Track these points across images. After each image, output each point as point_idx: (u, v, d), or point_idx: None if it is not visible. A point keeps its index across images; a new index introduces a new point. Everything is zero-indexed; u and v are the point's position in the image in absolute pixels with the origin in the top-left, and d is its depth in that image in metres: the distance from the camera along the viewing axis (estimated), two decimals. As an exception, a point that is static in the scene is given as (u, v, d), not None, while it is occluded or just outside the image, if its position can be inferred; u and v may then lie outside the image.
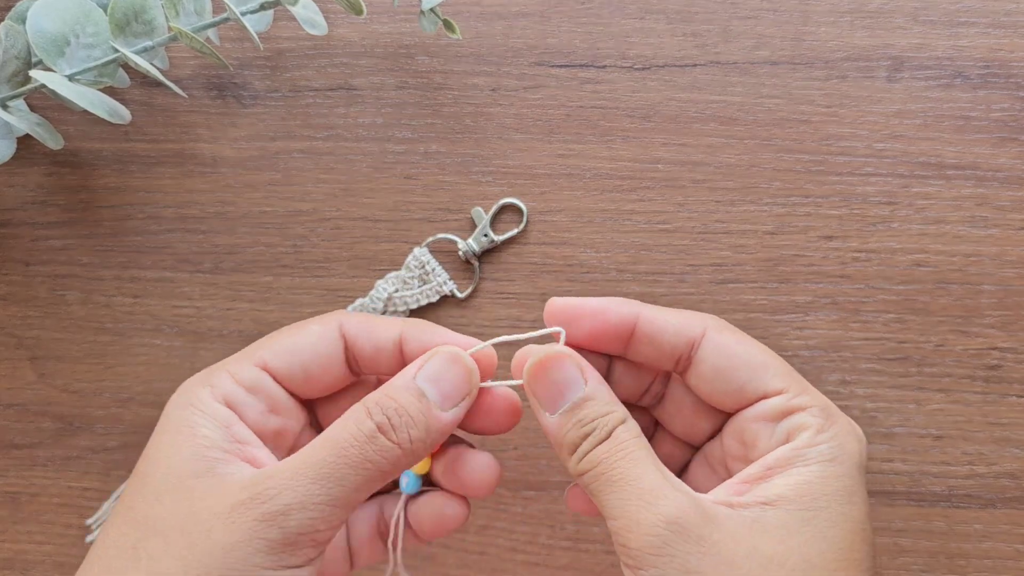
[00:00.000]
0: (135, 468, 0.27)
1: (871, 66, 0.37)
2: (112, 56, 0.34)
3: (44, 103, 0.37)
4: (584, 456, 0.26)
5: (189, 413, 0.26)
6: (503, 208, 0.37)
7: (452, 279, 0.37)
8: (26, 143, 0.37)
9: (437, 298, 0.37)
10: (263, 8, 0.35)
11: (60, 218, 0.38)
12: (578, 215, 0.37)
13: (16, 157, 0.36)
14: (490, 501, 0.36)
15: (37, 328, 0.38)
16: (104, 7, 0.33)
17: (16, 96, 0.34)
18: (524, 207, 0.37)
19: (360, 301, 0.36)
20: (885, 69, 0.37)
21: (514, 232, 0.37)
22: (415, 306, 0.37)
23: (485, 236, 0.37)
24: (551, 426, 0.27)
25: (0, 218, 0.38)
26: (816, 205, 0.36)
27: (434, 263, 0.36)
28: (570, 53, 0.37)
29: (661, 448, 0.31)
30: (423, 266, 0.36)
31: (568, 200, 0.37)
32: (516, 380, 0.28)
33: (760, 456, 0.26)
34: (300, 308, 0.37)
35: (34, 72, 0.32)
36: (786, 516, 0.24)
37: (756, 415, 0.27)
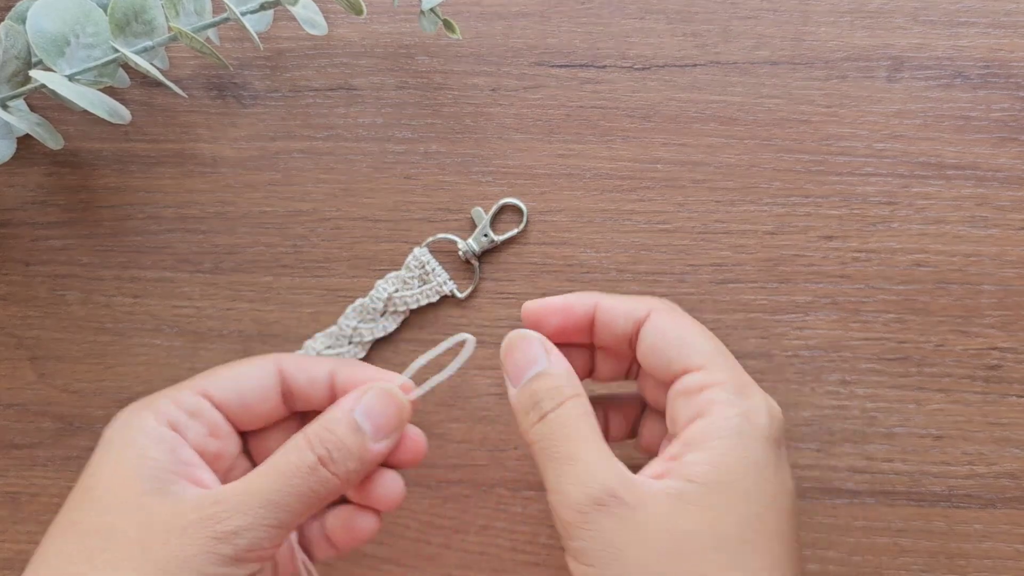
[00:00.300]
0: (78, 484, 0.28)
1: (871, 66, 0.37)
2: (112, 56, 0.34)
3: (44, 103, 0.37)
4: (532, 427, 0.28)
5: (137, 435, 0.28)
6: (503, 208, 0.37)
7: (452, 279, 0.37)
8: (26, 143, 0.37)
9: (437, 298, 0.37)
10: (263, 8, 0.35)
11: (60, 218, 0.38)
12: (578, 215, 0.37)
13: (16, 157, 0.36)
14: (490, 501, 0.36)
15: (37, 328, 0.38)
16: (104, 7, 0.33)
17: (16, 96, 0.34)
18: (524, 207, 0.37)
19: (360, 301, 0.36)
20: (885, 69, 0.37)
21: (514, 232, 0.37)
22: (415, 306, 0.37)
23: (485, 236, 0.37)
24: (512, 398, 0.29)
25: (0, 218, 0.38)
26: (816, 205, 0.36)
27: (434, 263, 0.36)
28: (570, 53, 0.37)
29: (649, 422, 0.33)
30: (423, 266, 0.36)
31: (568, 200, 0.37)
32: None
33: (680, 431, 0.28)
34: (300, 308, 0.37)
35: (34, 72, 0.32)
36: (701, 492, 0.26)
37: (677, 391, 0.28)
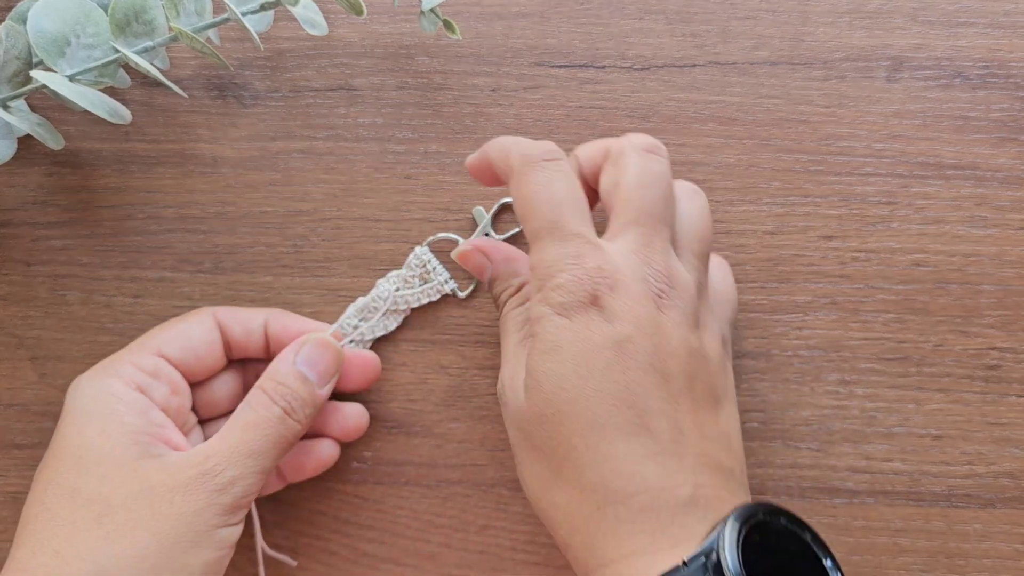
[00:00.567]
0: (61, 451, 0.30)
1: (870, 66, 0.37)
2: (113, 56, 0.34)
3: (45, 103, 0.37)
4: (499, 310, 0.33)
5: (110, 403, 0.30)
6: (504, 207, 0.37)
7: (452, 278, 0.37)
8: (27, 143, 0.37)
9: (438, 297, 0.37)
10: (263, 8, 0.35)
11: (60, 218, 0.38)
12: (578, 215, 0.37)
13: (16, 157, 0.36)
14: (490, 500, 0.36)
15: (38, 328, 0.38)
16: (105, 7, 0.33)
17: (17, 96, 0.34)
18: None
19: (361, 300, 0.36)
20: (884, 69, 0.37)
21: (515, 231, 0.37)
22: (416, 305, 0.37)
23: (486, 235, 0.37)
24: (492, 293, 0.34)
25: (1, 218, 0.38)
26: (815, 205, 0.36)
27: (435, 262, 0.36)
28: (570, 53, 0.38)
29: None
30: (424, 265, 0.36)
31: (568, 200, 0.37)
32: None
33: None
34: (300, 308, 0.37)
35: (35, 72, 0.33)
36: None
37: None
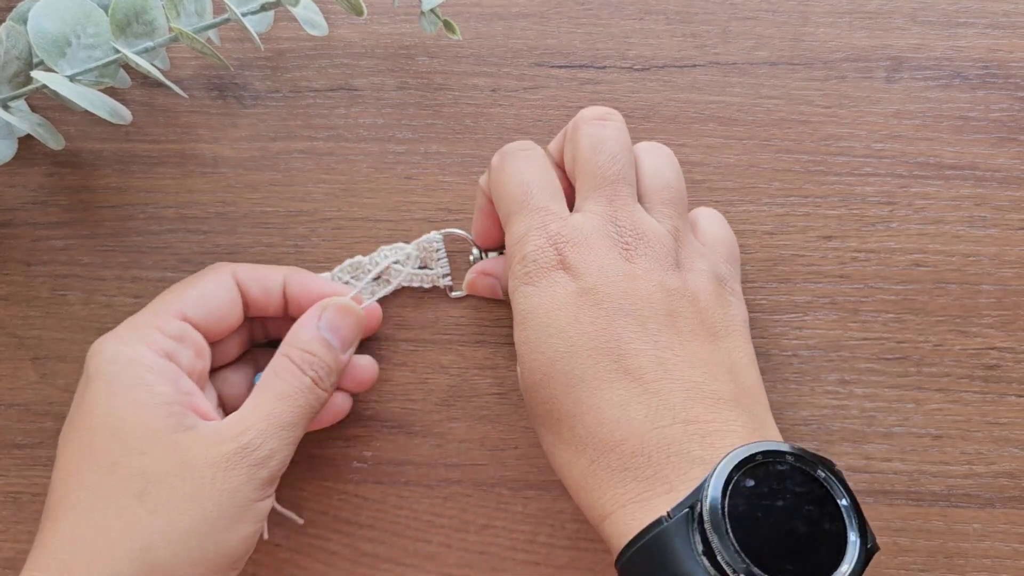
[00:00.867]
0: (91, 423, 0.29)
1: (870, 66, 0.37)
2: (113, 57, 0.34)
3: (45, 103, 0.37)
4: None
5: (140, 371, 0.29)
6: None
7: (451, 276, 0.37)
8: (27, 143, 0.37)
9: (429, 286, 0.37)
10: (264, 9, 0.35)
11: (61, 218, 0.38)
12: (578, 215, 0.37)
13: (17, 157, 0.36)
14: (490, 500, 0.36)
15: (38, 328, 0.38)
16: (105, 8, 0.33)
17: (17, 96, 0.34)
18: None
19: (359, 258, 0.36)
20: (884, 69, 0.37)
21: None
22: (406, 284, 0.36)
23: (480, 258, 0.36)
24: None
25: (1, 218, 0.38)
26: (815, 205, 0.36)
27: (443, 253, 0.36)
28: (570, 54, 0.38)
29: None
30: (431, 251, 0.36)
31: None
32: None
33: None
34: (301, 308, 0.37)
35: (35, 73, 0.33)
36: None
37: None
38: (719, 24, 0.37)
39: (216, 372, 0.34)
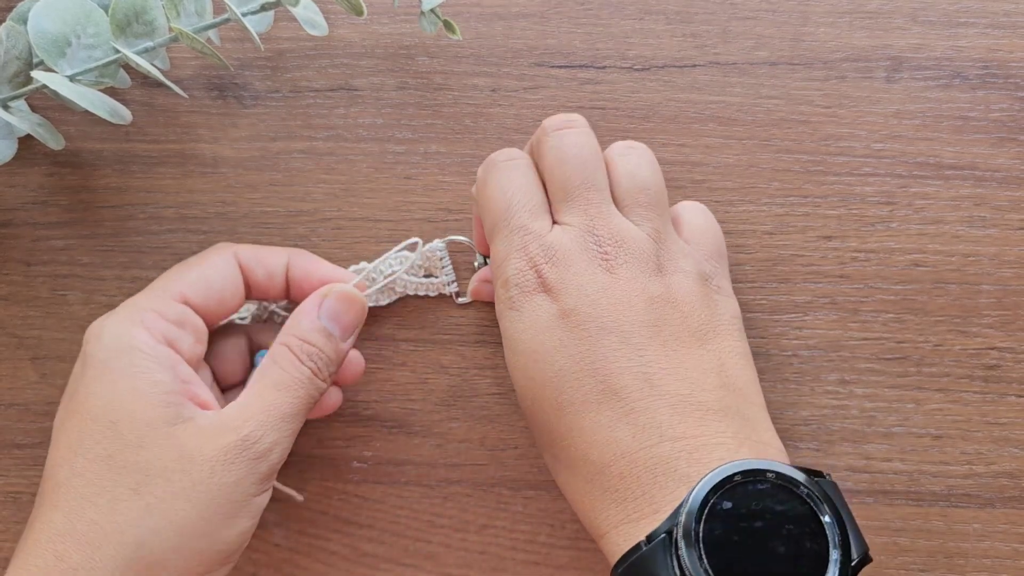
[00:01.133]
0: (88, 411, 0.28)
1: (870, 66, 0.37)
2: (113, 57, 0.34)
3: (45, 103, 0.37)
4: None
5: (138, 358, 0.29)
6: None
7: (456, 282, 0.36)
8: (27, 143, 0.37)
9: (435, 294, 0.37)
10: (264, 9, 0.35)
11: (61, 218, 0.38)
12: (578, 215, 0.37)
13: (17, 157, 0.36)
14: (490, 500, 0.36)
15: (38, 328, 0.38)
16: (105, 8, 0.33)
17: (17, 96, 0.34)
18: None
19: (364, 264, 0.36)
20: (884, 69, 0.37)
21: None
22: (411, 293, 0.36)
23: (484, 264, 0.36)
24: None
25: (1, 218, 0.38)
26: (815, 205, 0.36)
27: (447, 261, 0.36)
28: (570, 54, 0.38)
29: None
30: (435, 260, 0.36)
31: (568, 200, 0.37)
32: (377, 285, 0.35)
33: None
34: (301, 308, 0.37)
35: (35, 73, 0.33)
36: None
37: None
38: (719, 24, 0.37)
39: (209, 345, 0.34)
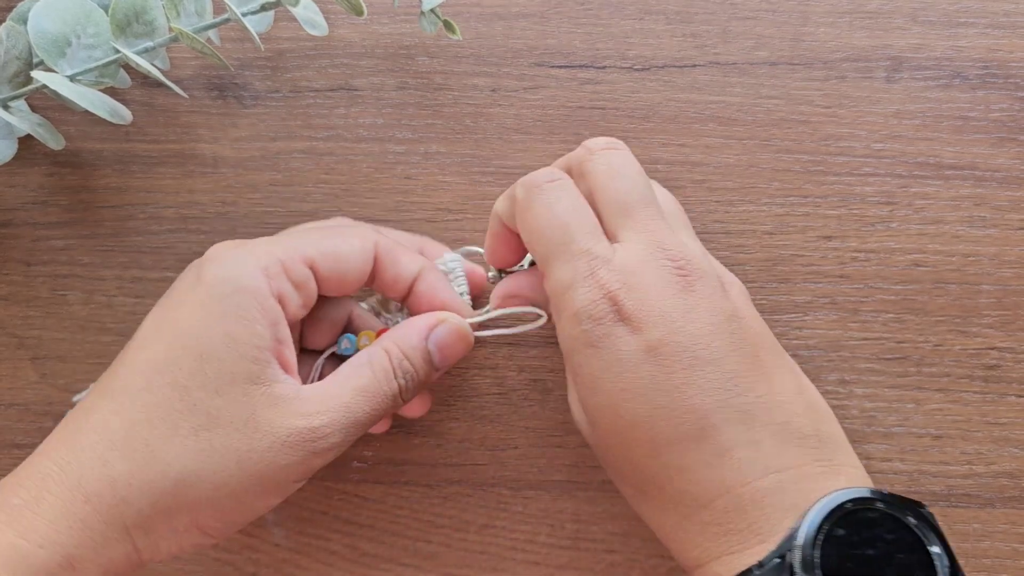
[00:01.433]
0: (181, 334, 0.28)
1: (870, 66, 0.37)
2: (113, 57, 0.34)
3: (45, 103, 0.37)
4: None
5: (248, 304, 0.28)
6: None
7: (468, 294, 0.35)
8: (27, 143, 0.37)
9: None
10: (264, 9, 0.35)
11: (61, 218, 0.38)
12: (578, 215, 0.37)
13: (17, 157, 0.36)
14: (490, 500, 0.36)
15: (38, 328, 0.38)
16: (105, 8, 0.33)
17: (17, 96, 0.34)
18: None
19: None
20: (884, 69, 0.37)
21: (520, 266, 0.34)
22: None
23: (499, 275, 0.35)
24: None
25: (1, 218, 0.38)
26: (815, 205, 0.36)
27: (460, 271, 0.35)
28: (570, 54, 0.38)
29: None
30: (448, 272, 0.35)
31: (568, 200, 0.37)
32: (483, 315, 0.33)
33: None
34: (301, 308, 0.37)
35: (35, 73, 0.33)
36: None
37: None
38: (719, 24, 0.37)
39: (312, 314, 0.33)
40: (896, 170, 0.36)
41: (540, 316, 0.33)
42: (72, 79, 0.33)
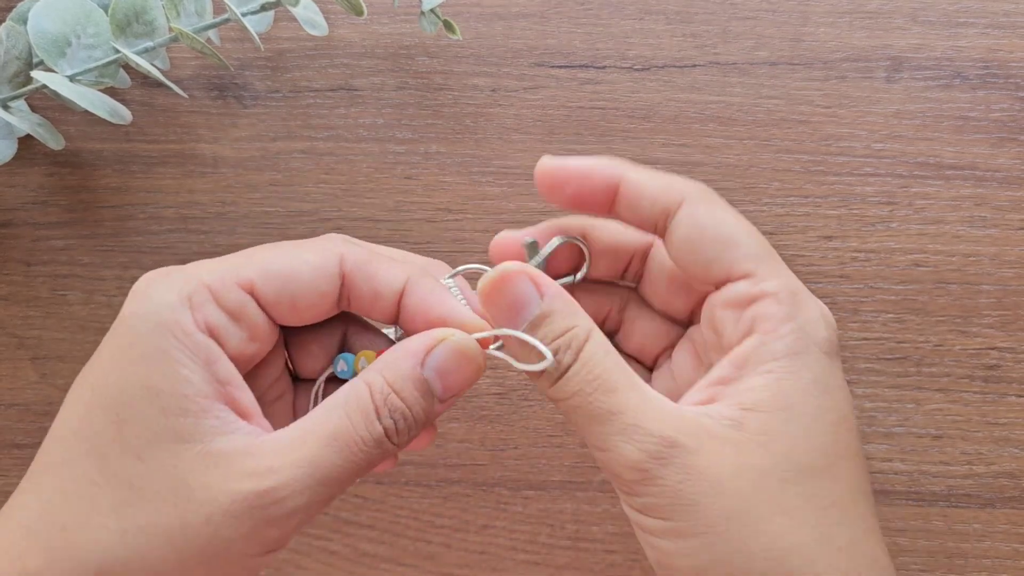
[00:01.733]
0: (103, 387, 0.24)
1: (870, 66, 0.37)
2: (113, 57, 0.34)
3: (45, 103, 0.37)
4: (554, 383, 0.24)
5: (170, 344, 0.23)
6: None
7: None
8: (27, 143, 0.37)
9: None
10: (264, 9, 0.35)
11: (61, 218, 0.38)
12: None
13: (17, 157, 0.36)
14: (490, 501, 0.36)
15: (39, 328, 0.38)
16: (105, 8, 0.33)
17: (17, 96, 0.34)
18: (587, 250, 0.28)
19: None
20: (884, 69, 0.37)
21: (570, 280, 0.28)
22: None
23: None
24: (514, 347, 0.25)
25: (1, 218, 0.38)
26: (815, 205, 0.36)
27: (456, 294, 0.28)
28: (570, 54, 0.38)
29: (647, 327, 0.29)
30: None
31: (568, 200, 0.37)
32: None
33: (728, 347, 0.25)
34: (301, 308, 0.37)
35: (35, 73, 0.33)
36: (765, 421, 0.23)
37: (723, 300, 0.25)
38: (719, 24, 0.37)
39: (295, 335, 0.28)
40: (896, 170, 0.36)
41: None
42: (72, 79, 0.33)
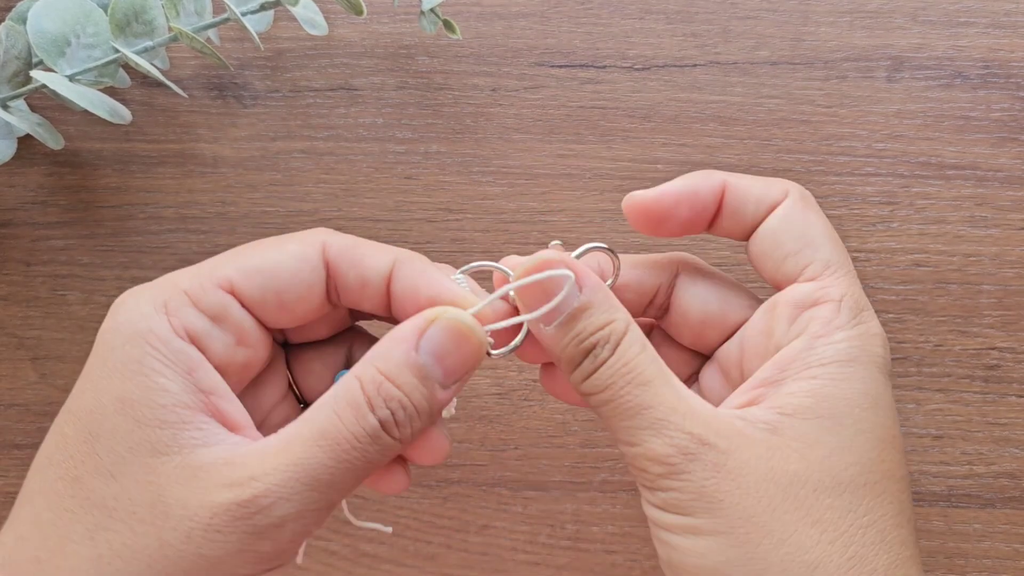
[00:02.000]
0: (78, 410, 0.22)
1: (871, 66, 0.37)
2: (113, 56, 0.34)
3: (44, 103, 0.37)
4: (588, 377, 0.23)
5: (144, 352, 0.22)
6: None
7: None
8: (27, 143, 0.37)
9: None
10: (263, 8, 0.35)
11: (61, 218, 0.38)
12: (578, 215, 0.37)
13: (17, 157, 0.36)
14: (491, 501, 0.36)
15: (38, 328, 0.38)
16: (104, 7, 0.33)
17: (17, 96, 0.34)
18: (616, 260, 0.27)
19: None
20: (885, 69, 0.37)
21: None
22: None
23: None
24: (548, 339, 0.24)
25: (1, 218, 0.38)
26: (816, 205, 0.36)
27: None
28: (570, 53, 0.38)
29: (669, 354, 0.28)
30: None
31: (568, 200, 0.37)
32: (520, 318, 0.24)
33: (776, 349, 0.24)
34: (301, 308, 0.37)
35: (35, 72, 0.33)
36: (805, 427, 0.22)
37: (785, 299, 0.24)
38: (720, 24, 0.37)
39: (297, 354, 0.27)
40: (897, 170, 0.36)
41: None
42: (72, 79, 0.33)
